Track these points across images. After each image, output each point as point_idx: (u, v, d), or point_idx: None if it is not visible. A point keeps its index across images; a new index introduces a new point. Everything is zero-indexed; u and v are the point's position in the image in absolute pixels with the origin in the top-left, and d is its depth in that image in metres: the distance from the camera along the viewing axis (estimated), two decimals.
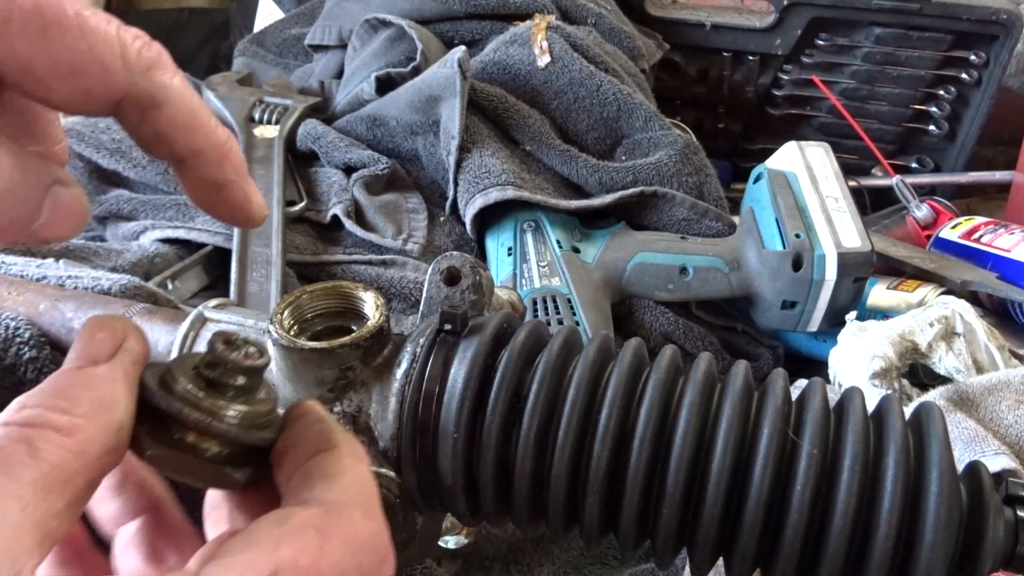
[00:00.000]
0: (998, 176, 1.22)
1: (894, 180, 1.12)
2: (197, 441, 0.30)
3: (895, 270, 0.91)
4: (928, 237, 1.03)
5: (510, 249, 0.86)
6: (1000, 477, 0.37)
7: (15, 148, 0.29)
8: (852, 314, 0.77)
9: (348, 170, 0.96)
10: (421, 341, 0.40)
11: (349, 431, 0.39)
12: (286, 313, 0.41)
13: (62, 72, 0.28)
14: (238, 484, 0.32)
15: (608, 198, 0.88)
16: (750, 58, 1.25)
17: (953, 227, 1.00)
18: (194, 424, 0.30)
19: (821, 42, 1.22)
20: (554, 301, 0.80)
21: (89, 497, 0.28)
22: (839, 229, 0.80)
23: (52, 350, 0.49)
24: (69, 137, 0.89)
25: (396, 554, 0.32)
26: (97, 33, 0.29)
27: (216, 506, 0.35)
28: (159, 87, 0.31)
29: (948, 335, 0.71)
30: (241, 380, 0.32)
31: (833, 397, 0.39)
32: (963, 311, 0.72)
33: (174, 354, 0.44)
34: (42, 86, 0.29)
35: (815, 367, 0.86)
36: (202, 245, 0.85)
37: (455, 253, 0.43)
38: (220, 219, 0.37)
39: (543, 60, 0.95)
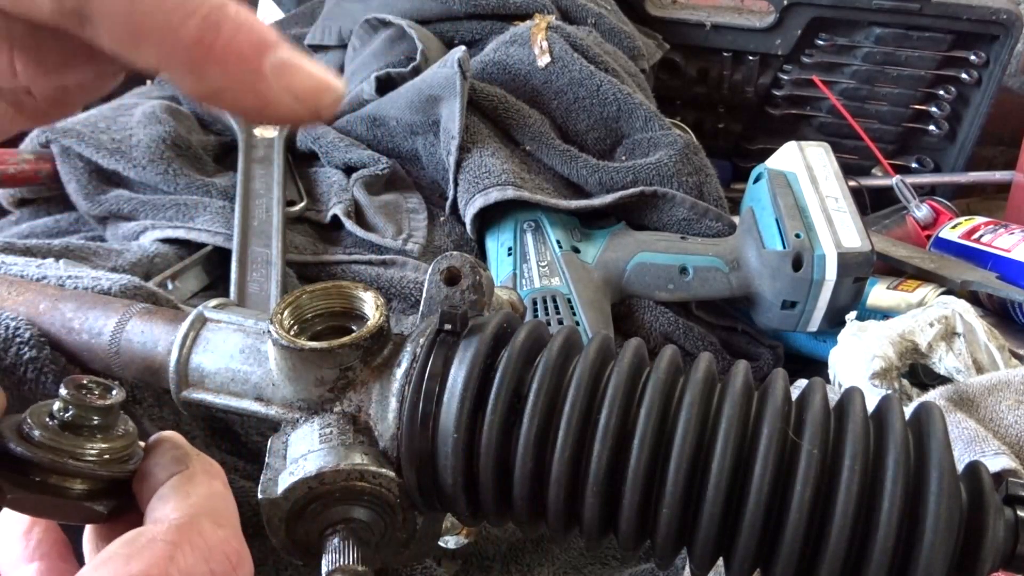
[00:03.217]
0: (998, 176, 1.22)
1: (894, 180, 1.12)
2: (58, 481, 0.33)
3: (895, 270, 0.91)
4: (928, 237, 1.03)
5: (510, 249, 0.86)
6: (1000, 477, 0.37)
7: None
8: (852, 314, 0.77)
9: (348, 170, 0.96)
10: (421, 341, 0.40)
11: (349, 430, 0.39)
12: (286, 313, 0.41)
13: None
14: (101, 517, 0.35)
15: (608, 198, 0.88)
16: (750, 58, 1.25)
17: (953, 227, 1.00)
18: (51, 465, 0.32)
19: (821, 42, 1.22)
20: (554, 301, 0.80)
21: None
22: (839, 229, 0.80)
23: (52, 350, 0.49)
24: (69, 137, 0.89)
25: (396, 554, 0.32)
26: None
27: (89, 540, 0.37)
28: None
29: (948, 335, 0.71)
30: (96, 419, 0.34)
31: (833, 397, 0.39)
32: (963, 311, 0.72)
33: (174, 355, 0.44)
34: None
35: (815, 367, 0.86)
36: (202, 245, 0.85)
37: (455, 253, 0.43)
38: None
39: (543, 60, 0.95)
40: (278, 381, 0.41)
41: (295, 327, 0.41)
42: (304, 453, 0.39)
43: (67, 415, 0.33)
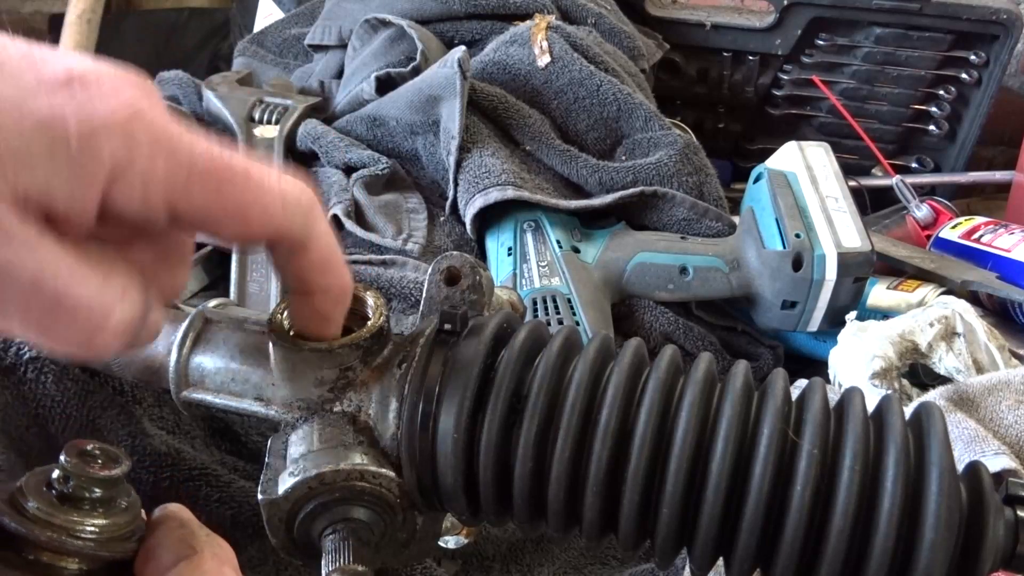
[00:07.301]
0: (998, 176, 1.22)
1: (894, 180, 1.12)
2: (52, 560, 0.30)
3: (895, 270, 0.91)
4: (928, 237, 1.03)
5: (510, 249, 0.86)
6: (1000, 477, 0.37)
7: (146, 286, 0.31)
8: (852, 314, 0.77)
9: (348, 170, 0.96)
10: (421, 341, 0.40)
11: (349, 430, 0.39)
12: (286, 313, 0.41)
13: (232, 215, 0.32)
14: None
15: (608, 198, 0.88)
16: (750, 58, 1.25)
17: (953, 227, 1.00)
18: (46, 543, 0.29)
19: (821, 42, 1.22)
20: (554, 301, 0.80)
21: None
22: (839, 229, 0.80)
23: None
24: None
25: (396, 554, 0.32)
26: (262, 184, 0.32)
27: None
28: (309, 232, 0.35)
29: (948, 335, 0.71)
30: (98, 492, 0.31)
31: (833, 397, 0.39)
32: (963, 311, 0.72)
33: (174, 355, 0.44)
34: (214, 226, 0.32)
35: (815, 367, 0.86)
36: (202, 245, 0.85)
37: (455, 253, 0.43)
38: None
39: (543, 60, 0.95)
40: (278, 381, 0.41)
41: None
42: (304, 453, 0.39)
43: (67, 486, 0.30)
